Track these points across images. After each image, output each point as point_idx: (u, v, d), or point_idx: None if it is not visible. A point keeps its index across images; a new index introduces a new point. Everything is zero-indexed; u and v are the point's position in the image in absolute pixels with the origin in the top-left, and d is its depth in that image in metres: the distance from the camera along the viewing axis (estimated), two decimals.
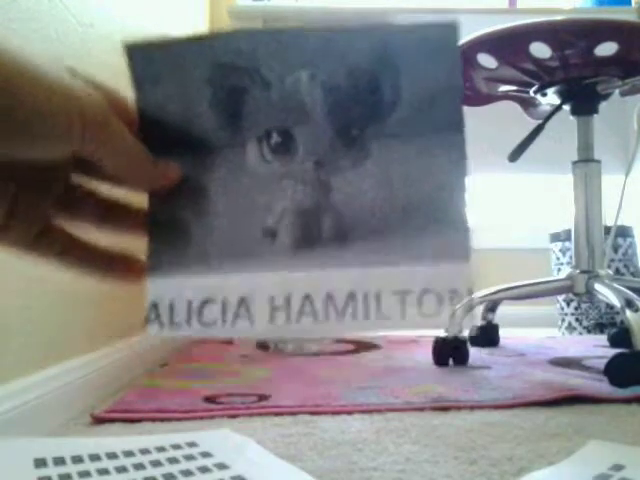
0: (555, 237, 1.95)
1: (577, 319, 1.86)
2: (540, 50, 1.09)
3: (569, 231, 1.27)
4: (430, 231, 0.29)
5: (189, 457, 0.55)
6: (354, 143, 0.30)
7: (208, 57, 0.30)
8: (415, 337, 1.56)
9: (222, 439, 0.62)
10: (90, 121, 0.27)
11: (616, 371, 0.92)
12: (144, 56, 0.31)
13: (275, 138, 0.30)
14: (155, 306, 0.30)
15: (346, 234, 0.30)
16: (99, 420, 0.77)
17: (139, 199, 0.32)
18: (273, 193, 0.30)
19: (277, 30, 0.31)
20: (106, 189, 0.32)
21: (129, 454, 0.55)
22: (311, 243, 0.30)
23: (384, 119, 0.30)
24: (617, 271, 1.83)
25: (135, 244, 0.33)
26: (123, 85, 0.32)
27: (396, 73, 0.30)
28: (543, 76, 1.17)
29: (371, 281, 0.29)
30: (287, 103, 0.30)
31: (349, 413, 0.79)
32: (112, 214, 0.33)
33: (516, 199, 2.23)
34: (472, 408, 0.81)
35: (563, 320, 1.90)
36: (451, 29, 0.31)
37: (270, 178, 0.30)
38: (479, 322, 1.42)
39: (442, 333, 1.18)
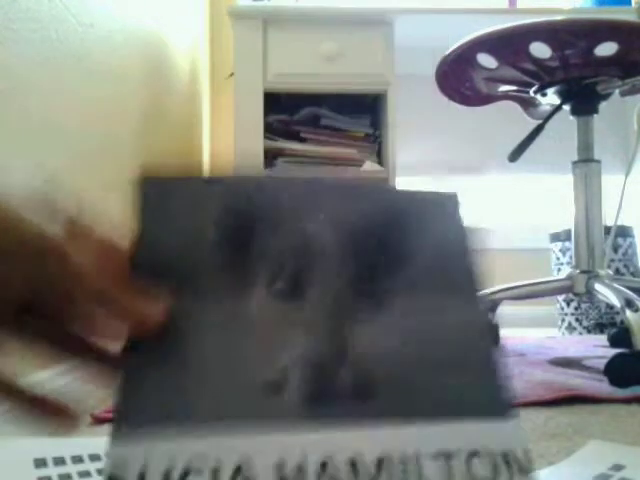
0: (555, 237, 1.95)
1: (577, 319, 1.86)
2: (540, 50, 1.09)
3: (569, 231, 1.27)
4: (462, 386, 0.27)
5: None
6: (366, 293, 0.28)
7: (219, 199, 0.29)
8: None
9: None
10: (46, 256, 0.24)
11: (616, 371, 0.92)
12: (156, 190, 0.29)
13: (284, 280, 0.28)
14: (118, 478, 0.23)
15: (367, 390, 0.26)
16: (99, 420, 0.77)
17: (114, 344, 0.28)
18: (278, 343, 0.27)
19: (291, 178, 0.31)
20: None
21: None
22: (326, 400, 0.26)
23: (398, 271, 0.29)
24: (617, 271, 1.83)
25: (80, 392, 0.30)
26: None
27: (406, 229, 0.30)
28: (543, 76, 1.17)
29: (404, 442, 0.25)
30: (299, 247, 0.29)
31: None
32: (75, 352, 0.30)
33: (516, 199, 2.23)
34: None
35: (563, 320, 1.90)
36: (452, 199, 0.31)
37: (275, 326, 0.27)
38: None
39: None
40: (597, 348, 1.38)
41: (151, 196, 0.29)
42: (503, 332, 1.46)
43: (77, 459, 0.53)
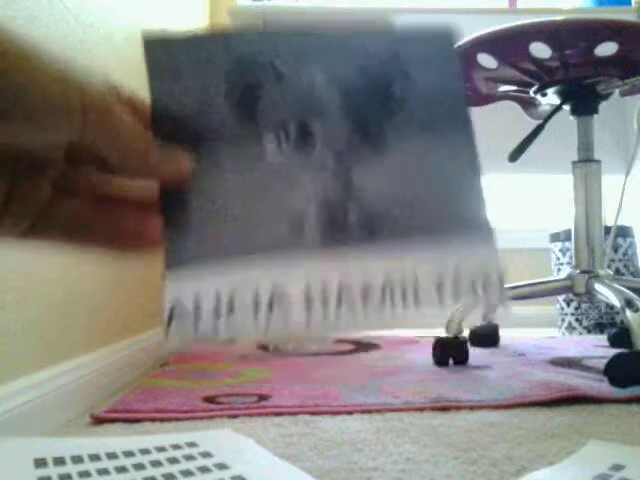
0: (555, 237, 1.95)
1: (577, 319, 1.86)
2: (540, 50, 1.09)
3: (569, 231, 1.27)
4: (451, 217, 0.30)
5: (189, 457, 0.55)
6: (370, 135, 0.31)
7: (224, 52, 0.31)
8: (415, 337, 1.56)
9: (222, 439, 0.62)
10: (90, 108, 0.26)
11: (616, 371, 0.92)
12: (161, 49, 0.31)
13: (292, 130, 0.30)
14: (176, 308, 0.28)
15: (372, 222, 0.30)
16: (99, 420, 0.77)
17: (150, 185, 0.30)
18: (295, 185, 0.30)
19: (292, 31, 0.32)
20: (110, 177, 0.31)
21: (129, 454, 0.55)
22: (339, 232, 0.30)
23: (395, 114, 0.31)
24: (617, 271, 1.83)
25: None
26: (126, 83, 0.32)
27: (402, 72, 0.32)
28: (543, 76, 1.17)
29: (404, 267, 0.29)
30: (303, 97, 0.31)
31: (349, 413, 0.79)
32: (118, 199, 0.31)
33: (516, 199, 2.23)
34: (472, 408, 0.81)
35: (563, 320, 1.90)
36: (447, 33, 0.33)
37: (290, 170, 0.30)
38: (479, 322, 1.42)
39: (442, 333, 1.18)
40: (597, 348, 1.38)
41: (157, 55, 0.31)
42: (503, 332, 1.46)
43: (77, 459, 0.53)
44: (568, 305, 1.88)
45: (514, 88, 1.28)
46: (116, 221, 0.30)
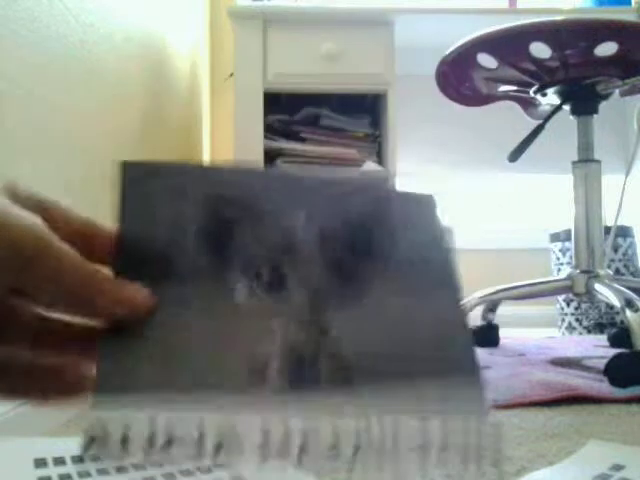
0: (555, 237, 1.95)
1: (577, 319, 1.86)
2: (540, 50, 1.09)
3: (569, 231, 1.27)
4: (439, 378, 0.28)
5: None
6: (349, 284, 0.29)
7: (204, 187, 0.29)
8: None
9: None
10: (22, 253, 0.24)
11: (616, 371, 0.92)
12: (137, 176, 0.29)
13: (266, 274, 0.29)
14: (97, 439, 0.24)
15: (345, 377, 0.27)
16: None
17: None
18: (259, 333, 0.27)
19: (277, 172, 0.31)
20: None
21: None
22: (305, 387, 0.27)
23: (378, 266, 0.30)
24: (617, 271, 1.83)
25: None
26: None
27: (386, 227, 0.31)
28: (543, 76, 1.17)
29: (381, 431, 0.26)
30: (280, 240, 0.29)
31: None
32: (52, 336, 0.28)
33: (516, 199, 2.23)
34: None
35: (563, 320, 1.90)
36: (430, 200, 0.33)
37: (259, 315, 0.28)
38: (479, 322, 1.42)
39: None
40: (597, 348, 1.38)
41: (133, 182, 0.29)
42: (503, 332, 1.46)
43: (77, 459, 0.53)
44: (568, 305, 1.88)
45: (514, 88, 1.28)
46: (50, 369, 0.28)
